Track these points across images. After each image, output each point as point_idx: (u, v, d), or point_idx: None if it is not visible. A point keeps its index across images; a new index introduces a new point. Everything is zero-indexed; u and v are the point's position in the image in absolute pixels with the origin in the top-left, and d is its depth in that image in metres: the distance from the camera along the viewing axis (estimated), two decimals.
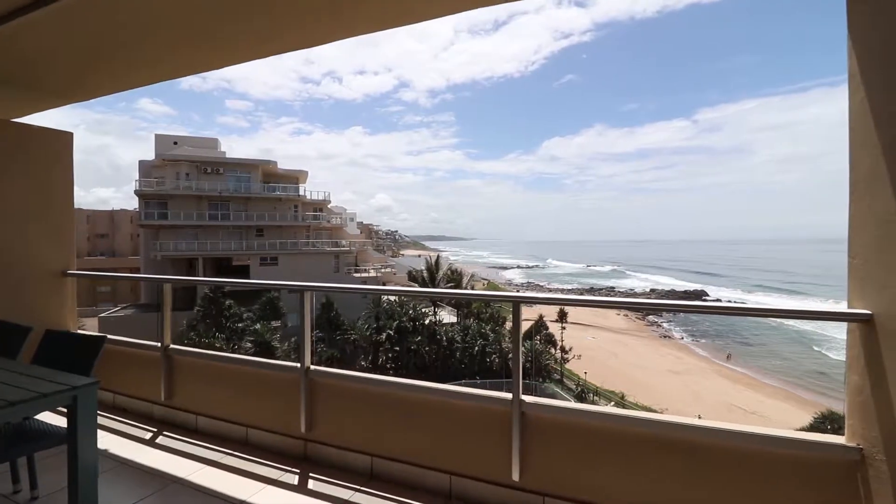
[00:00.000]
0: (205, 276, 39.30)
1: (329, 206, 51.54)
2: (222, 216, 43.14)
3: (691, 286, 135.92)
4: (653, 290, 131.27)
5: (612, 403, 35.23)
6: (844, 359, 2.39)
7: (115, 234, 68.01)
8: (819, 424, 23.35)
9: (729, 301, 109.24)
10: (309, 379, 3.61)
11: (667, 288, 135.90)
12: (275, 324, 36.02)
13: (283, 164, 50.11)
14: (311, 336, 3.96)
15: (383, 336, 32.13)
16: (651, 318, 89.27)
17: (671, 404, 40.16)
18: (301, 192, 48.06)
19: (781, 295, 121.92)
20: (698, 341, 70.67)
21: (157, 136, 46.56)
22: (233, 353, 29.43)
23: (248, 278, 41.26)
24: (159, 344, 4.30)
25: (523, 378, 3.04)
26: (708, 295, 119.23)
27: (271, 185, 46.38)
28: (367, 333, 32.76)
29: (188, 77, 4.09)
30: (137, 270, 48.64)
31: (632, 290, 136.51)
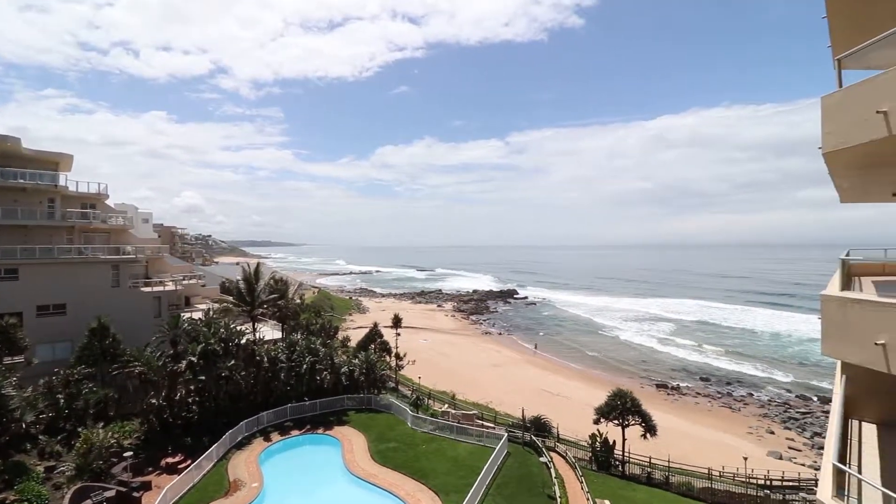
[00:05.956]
0: None
1: (107, 203, 40.58)
2: None
3: (505, 286, 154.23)
4: (475, 291, 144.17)
5: (446, 405, 35.83)
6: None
7: None
8: (612, 400, 27.42)
9: (535, 298, 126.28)
10: None
11: (486, 288, 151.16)
12: (13, 360, 26.02)
13: (46, 147, 37.52)
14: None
15: (183, 364, 25.87)
16: (474, 317, 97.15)
17: (494, 395, 43.38)
18: (62, 183, 36.50)
19: (578, 293, 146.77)
20: (513, 335, 79.36)
21: None
22: None
23: None
24: None
25: (357, 392, 1.45)
26: (518, 293, 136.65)
27: (11, 169, 33.96)
28: (160, 363, 25.97)
29: None
30: None
31: (458, 290, 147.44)
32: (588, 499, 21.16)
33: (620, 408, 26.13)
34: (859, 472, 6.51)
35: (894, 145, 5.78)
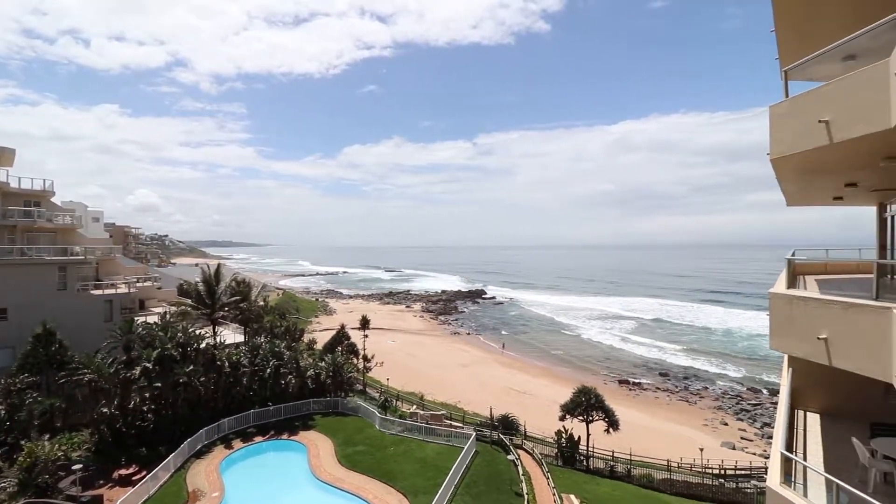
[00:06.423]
0: None
1: (54, 201, 38.10)
2: None
3: (473, 286, 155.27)
4: (443, 291, 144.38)
5: (414, 406, 35.68)
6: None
7: None
8: (577, 397, 28.08)
9: (503, 297, 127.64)
10: None
11: (454, 288, 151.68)
12: None
13: None
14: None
15: (137, 371, 24.57)
16: (442, 317, 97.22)
17: (463, 395, 43.56)
18: (3, 178, 34.04)
19: (542, 293, 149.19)
20: (480, 334, 79.95)
21: None
22: None
23: None
24: None
25: (324, 396, 1.44)
26: (486, 293, 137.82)
27: None
28: (112, 370, 24.57)
29: None
30: None
31: (426, 291, 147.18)
32: (554, 494, 21.58)
33: (585, 404, 26.80)
34: (805, 459, 6.93)
35: (835, 153, 6.19)
